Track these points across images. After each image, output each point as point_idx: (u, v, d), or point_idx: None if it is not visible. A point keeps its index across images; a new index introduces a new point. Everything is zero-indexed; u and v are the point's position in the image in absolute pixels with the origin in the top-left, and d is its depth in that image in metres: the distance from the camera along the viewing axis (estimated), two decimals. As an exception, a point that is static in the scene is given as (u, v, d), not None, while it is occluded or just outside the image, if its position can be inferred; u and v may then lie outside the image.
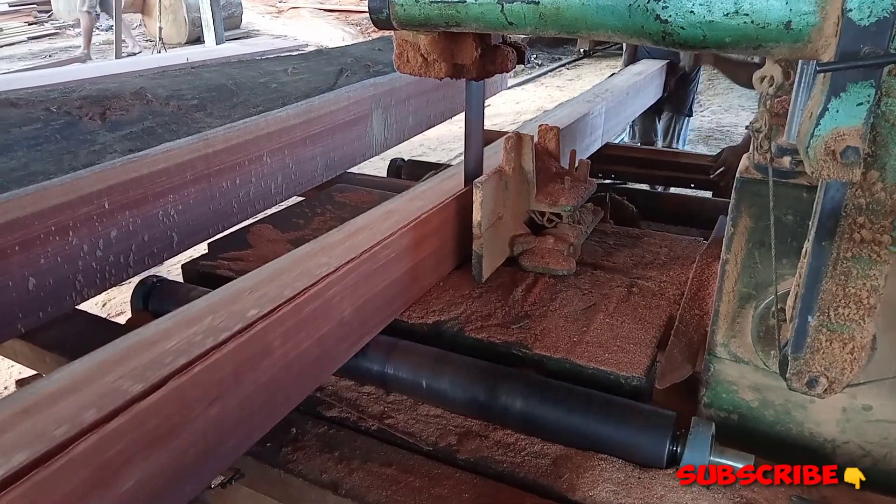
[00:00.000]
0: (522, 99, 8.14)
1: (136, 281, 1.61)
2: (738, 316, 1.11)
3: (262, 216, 1.96)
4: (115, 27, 7.61)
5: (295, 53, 3.07)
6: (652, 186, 3.04)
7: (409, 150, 4.37)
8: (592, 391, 1.19)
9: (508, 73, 1.53)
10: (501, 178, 1.57)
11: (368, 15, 1.17)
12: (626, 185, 2.48)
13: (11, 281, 1.25)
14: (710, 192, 2.66)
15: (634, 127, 3.94)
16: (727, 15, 0.80)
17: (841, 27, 0.73)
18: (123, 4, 8.64)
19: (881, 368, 0.98)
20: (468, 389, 1.23)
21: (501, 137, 1.79)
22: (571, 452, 1.13)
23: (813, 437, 1.11)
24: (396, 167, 2.74)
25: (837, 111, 0.74)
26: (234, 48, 5.17)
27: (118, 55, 7.33)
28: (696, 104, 3.96)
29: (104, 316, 2.82)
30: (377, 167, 3.16)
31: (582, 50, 10.27)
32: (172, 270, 2.77)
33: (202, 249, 1.82)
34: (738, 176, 1.05)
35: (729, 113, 7.17)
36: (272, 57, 2.78)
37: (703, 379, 1.18)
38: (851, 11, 0.72)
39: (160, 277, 1.63)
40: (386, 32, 1.28)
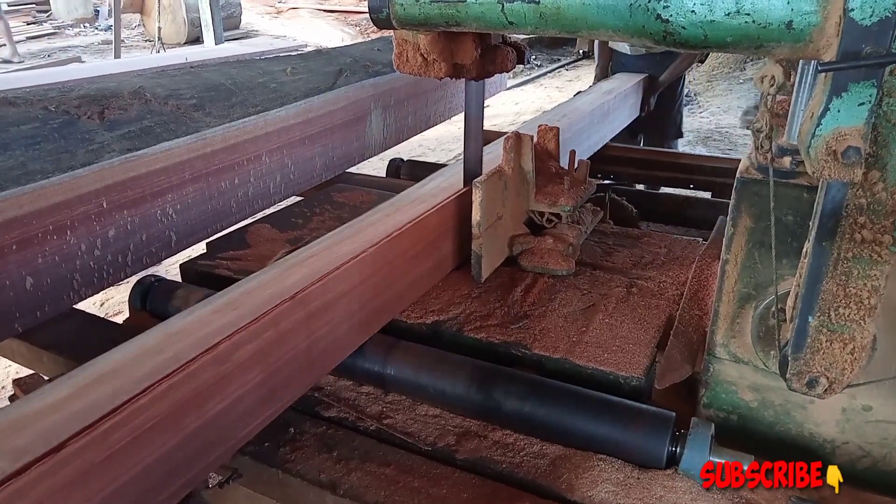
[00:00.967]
0: (521, 100, 8.14)
1: (134, 280, 1.60)
2: (737, 316, 1.10)
3: (260, 216, 1.96)
4: (114, 27, 7.60)
5: (294, 53, 3.06)
6: (649, 187, 3.03)
7: (408, 150, 4.36)
8: (591, 391, 1.19)
9: (508, 73, 1.53)
10: (501, 178, 1.57)
11: (368, 14, 1.17)
12: (626, 185, 2.47)
13: (9, 280, 1.24)
14: (709, 192, 2.66)
15: None
16: (728, 14, 0.80)
17: (842, 27, 0.73)
18: (122, 4, 8.63)
19: (881, 369, 0.98)
20: (467, 389, 1.22)
21: (500, 137, 1.78)
22: (570, 453, 1.13)
23: (813, 437, 1.11)
24: (395, 167, 2.74)
25: (839, 111, 0.74)
26: (233, 48, 5.17)
27: (117, 55, 7.32)
28: (695, 106, 3.77)
29: (102, 315, 2.82)
30: (376, 167, 3.16)
31: (581, 51, 10.30)
32: (171, 270, 2.76)
33: (200, 249, 1.81)
34: (738, 176, 1.05)
35: (728, 114, 7.16)
36: (271, 57, 2.78)
37: (702, 379, 1.18)
38: (853, 11, 0.71)
39: (158, 277, 1.62)
40: (385, 32, 1.28)
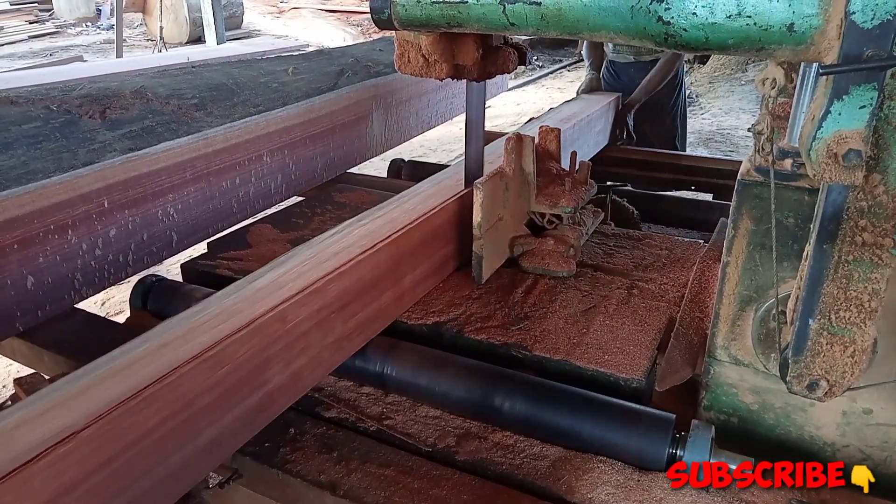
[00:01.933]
0: (523, 100, 8.14)
1: (135, 280, 1.61)
2: (738, 318, 1.10)
3: (261, 216, 1.96)
4: (116, 26, 7.61)
5: (296, 53, 3.06)
6: (650, 189, 3.02)
7: (409, 150, 4.37)
8: (592, 393, 1.19)
9: (509, 74, 1.53)
10: (502, 179, 1.57)
11: (370, 15, 1.17)
12: (626, 186, 2.47)
13: (10, 279, 1.24)
14: (710, 194, 2.66)
15: None
16: (730, 17, 0.80)
17: (844, 30, 0.73)
18: (124, 4, 8.64)
19: (882, 372, 0.98)
20: (467, 390, 1.22)
21: (502, 138, 1.78)
22: (570, 454, 1.13)
23: (813, 440, 1.11)
24: (397, 168, 2.74)
25: (840, 114, 0.74)
26: (234, 48, 5.17)
27: (119, 54, 7.32)
28: (696, 108, 3.57)
29: (103, 315, 2.82)
30: (377, 167, 3.16)
31: (582, 52, 10.29)
32: (172, 270, 2.77)
33: (201, 249, 1.81)
34: (739, 178, 1.05)
35: (730, 115, 7.16)
36: (273, 57, 2.78)
37: (703, 381, 1.17)
38: (854, 14, 0.71)
39: (159, 277, 1.63)
40: (387, 33, 1.28)
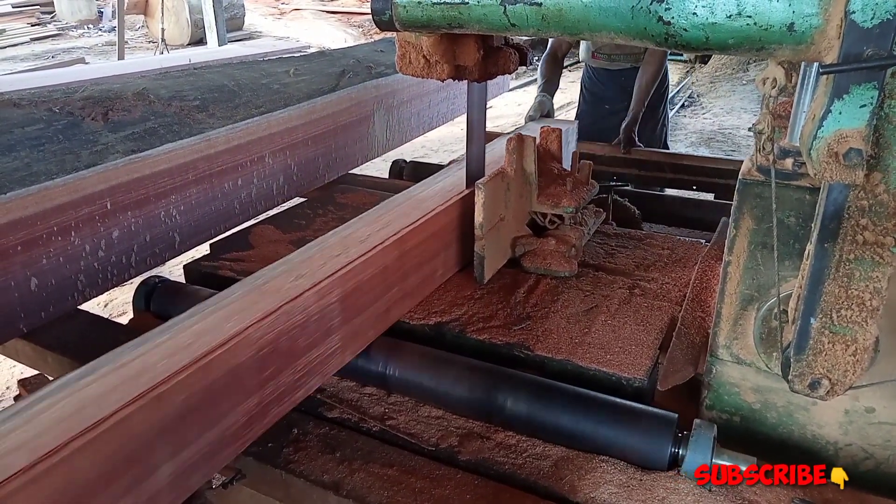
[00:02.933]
0: (524, 101, 8.13)
1: (137, 281, 1.61)
2: (740, 318, 1.10)
3: (263, 217, 1.97)
4: (118, 28, 7.62)
5: (297, 55, 3.07)
6: (652, 189, 3.02)
7: (410, 151, 4.37)
8: (594, 393, 1.19)
9: (510, 74, 1.53)
10: (503, 179, 1.57)
11: (371, 16, 1.17)
12: (627, 186, 2.47)
13: (14, 281, 1.25)
14: (712, 194, 2.66)
15: None
16: (730, 17, 0.80)
17: (844, 29, 0.73)
18: (126, 6, 8.65)
19: (884, 371, 0.98)
20: (470, 391, 1.23)
21: (501, 137, 1.79)
22: (573, 454, 1.13)
23: (815, 439, 1.11)
24: (398, 168, 2.74)
25: (840, 113, 0.74)
26: (236, 49, 5.17)
27: (121, 56, 7.33)
28: (697, 107, 3.51)
29: (106, 316, 2.83)
30: (379, 168, 3.16)
31: (584, 52, 10.29)
32: (174, 271, 2.77)
33: (204, 250, 1.82)
34: (740, 178, 1.05)
35: (731, 115, 7.16)
36: (274, 58, 2.78)
37: (705, 381, 1.18)
38: (854, 13, 0.72)
39: (162, 278, 1.63)
40: (388, 34, 1.28)
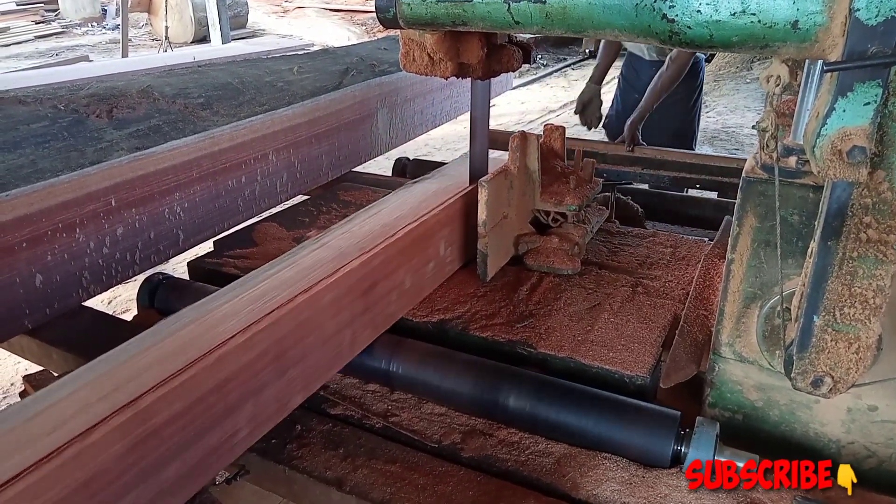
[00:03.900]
0: (527, 99, 8.13)
1: (142, 278, 1.62)
2: (743, 316, 1.10)
3: (267, 214, 1.97)
4: (121, 26, 7.63)
5: (301, 53, 3.07)
6: (653, 186, 3.01)
7: (414, 149, 4.37)
8: (597, 390, 1.19)
9: (514, 72, 1.53)
10: (506, 177, 1.57)
11: (375, 14, 1.17)
12: (631, 184, 2.47)
13: (19, 277, 1.25)
14: (715, 192, 2.65)
15: None
16: (734, 14, 0.80)
17: (848, 27, 0.73)
18: (130, 4, 8.66)
19: (887, 369, 0.98)
20: (472, 388, 1.23)
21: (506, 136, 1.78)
22: (575, 451, 1.13)
23: (818, 437, 1.11)
24: (401, 166, 2.75)
25: (844, 111, 0.74)
26: (240, 47, 5.17)
27: (124, 54, 7.34)
28: (702, 106, 3.51)
29: (110, 313, 2.83)
30: (382, 166, 3.17)
31: (588, 50, 10.27)
32: (178, 268, 2.78)
33: (208, 247, 1.82)
34: (744, 175, 1.05)
35: (735, 114, 7.14)
36: (278, 56, 2.79)
37: (707, 379, 1.18)
38: (859, 11, 0.72)
39: (166, 275, 1.64)
40: (392, 32, 1.29)
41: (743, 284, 1.09)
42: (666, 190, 2.69)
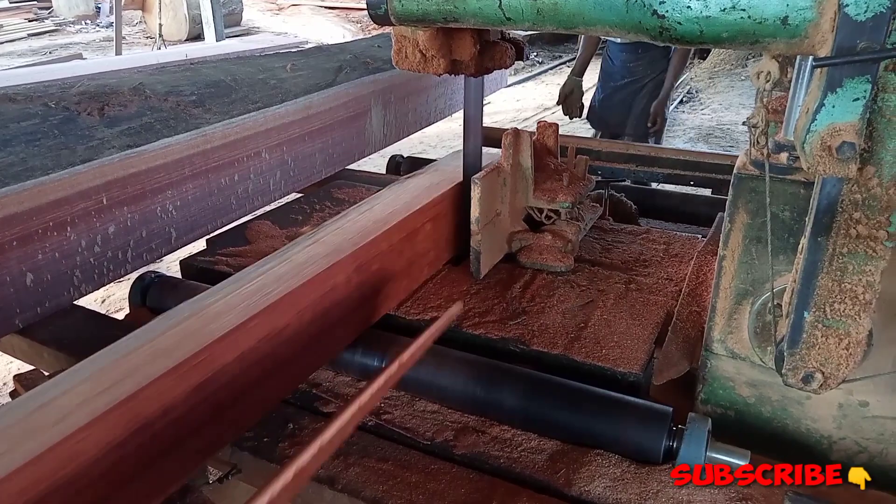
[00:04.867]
0: (523, 97, 8.14)
1: (134, 277, 1.61)
2: (734, 312, 1.11)
3: (260, 212, 1.96)
4: (115, 24, 7.60)
5: (294, 50, 3.06)
6: (646, 183, 3.01)
7: (408, 146, 4.37)
8: (589, 387, 1.19)
9: (508, 70, 1.53)
10: (499, 174, 1.57)
11: (367, 11, 1.17)
12: (624, 181, 2.46)
13: (9, 276, 1.24)
14: (709, 189, 2.65)
15: None
16: (724, 10, 0.80)
17: (837, 22, 0.73)
18: (123, 1, 8.63)
19: (877, 364, 0.98)
20: (465, 385, 1.23)
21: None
22: (568, 448, 1.13)
23: (810, 433, 1.11)
24: (396, 164, 2.74)
25: (833, 106, 0.74)
26: (233, 45, 5.14)
27: (118, 52, 7.31)
28: (696, 103, 3.75)
29: (102, 312, 2.83)
30: (376, 164, 3.16)
31: (582, 48, 10.28)
32: (171, 266, 2.77)
33: (200, 245, 1.82)
34: (735, 172, 1.05)
35: (729, 111, 7.16)
36: (271, 53, 2.77)
37: (699, 375, 1.18)
38: (848, 6, 0.71)
39: (158, 273, 1.63)
40: (385, 29, 1.28)
41: (734, 281, 1.09)
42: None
